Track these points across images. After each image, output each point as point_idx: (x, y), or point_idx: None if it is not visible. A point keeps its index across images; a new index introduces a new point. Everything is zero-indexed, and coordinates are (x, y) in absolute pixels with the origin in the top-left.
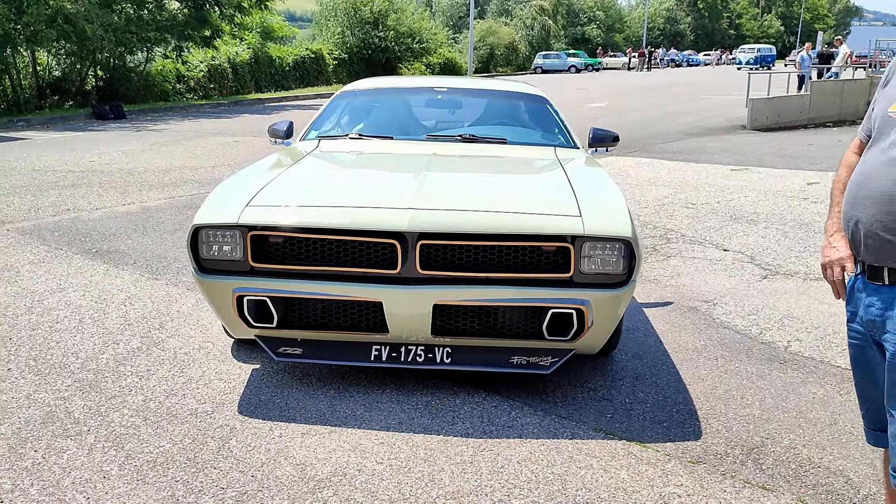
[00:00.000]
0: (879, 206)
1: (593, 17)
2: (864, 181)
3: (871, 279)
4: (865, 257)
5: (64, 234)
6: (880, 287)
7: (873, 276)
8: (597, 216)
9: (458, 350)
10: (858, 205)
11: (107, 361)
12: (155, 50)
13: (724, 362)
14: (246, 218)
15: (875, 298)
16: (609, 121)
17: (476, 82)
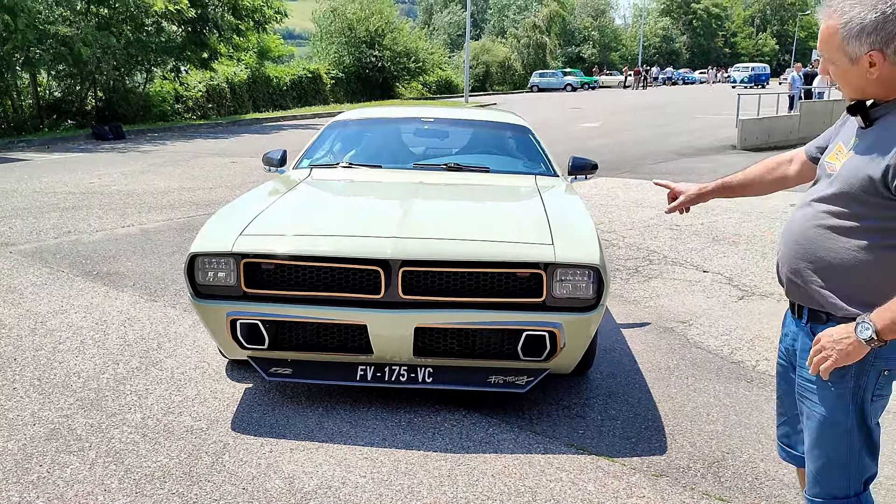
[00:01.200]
0: (788, 248)
1: (588, 36)
2: (789, 222)
3: (791, 310)
4: (785, 291)
5: (65, 256)
6: (795, 319)
7: (792, 308)
8: (568, 244)
9: (439, 370)
10: (781, 243)
11: (107, 381)
12: (154, 71)
13: (694, 381)
14: (239, 246)
15: (793, 328)
16: (601, 141)
17: (462, 112)
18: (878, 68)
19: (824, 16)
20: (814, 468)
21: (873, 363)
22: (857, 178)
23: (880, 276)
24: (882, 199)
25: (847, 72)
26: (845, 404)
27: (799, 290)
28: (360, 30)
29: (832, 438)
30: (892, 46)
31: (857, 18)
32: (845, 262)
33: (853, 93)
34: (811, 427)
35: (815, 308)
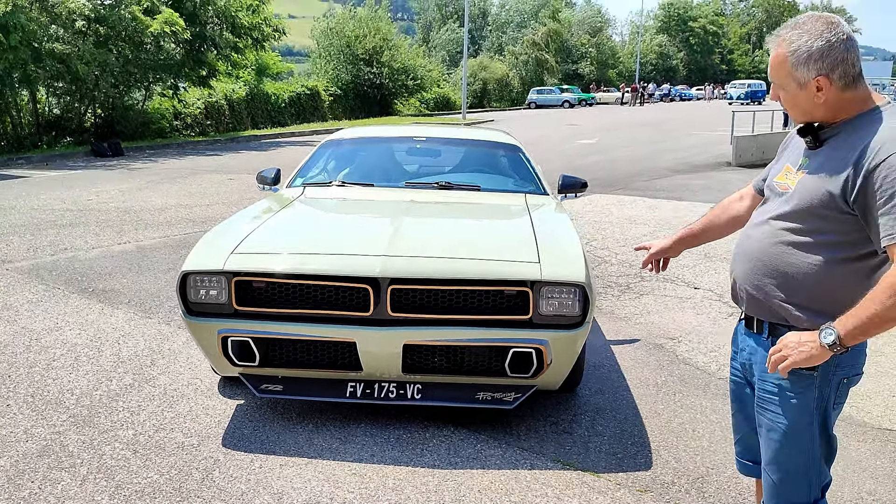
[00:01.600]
0: (748, 265)
1: (586, 53)
2: (742, 240)
3: (746, 326)
4: (741, 306)
5: (61, 274)
6: (752, 334)
7: (748, 324)
8: (554, 262)
9: (427, 387)
10: (736, 261)
11: (100, 397)
12: (152, 88)
13: (681, 397)
14: (230, 265)
15: (749, 343)
16: (597, 158)
17: (454, 131)
18: (825, 93)
19: (774, 45)
20: (776, 478)
21: (835, 372)
22: (816, 194)
23: (840, 287)
24: (840, 213)
25: (796, 97)
26: (809, 413)
27: (760, 305)
28: (358, 47)
29: (796, 447)
30: (836, 72)
31: (804, 47)
32: (807, 275)
33: (802, 116)
34: (773, 438)
35: (776, 322)
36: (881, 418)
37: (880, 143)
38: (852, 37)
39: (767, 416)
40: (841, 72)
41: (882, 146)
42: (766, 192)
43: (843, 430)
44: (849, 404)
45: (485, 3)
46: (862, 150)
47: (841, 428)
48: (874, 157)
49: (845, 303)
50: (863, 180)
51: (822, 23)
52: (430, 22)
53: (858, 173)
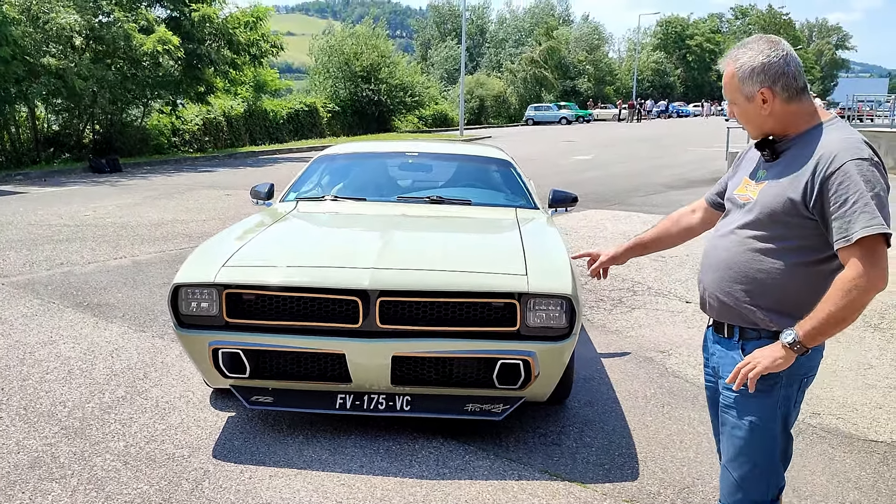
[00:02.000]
0: (717, 273)
1: (583, 70)
2: (709, 251)
3: (716, 331)
4: (710, 314)
5: (56, 288)
6: (721, 339)
7: (717, 330)
8: (541, 275)
9: (416, 398)
10: (704, 271)
11: (92, 410)
12: (151, 105)
13: (669, 409)
14: (221, 277)
15: (718, 347)
16: (593, 174)
17: (446, 146)
18: (770, 104)
19: (724, 64)
20: (737, 475)
21: (798, 371)
22: (778, 202)
23: (805, 290)
24: (801, 219)
25: (746, 110)
26: (773, 412)
27: (731, 310)
28: (356, 64)
29: (760, 444)
30: (779, 84)
31: (748, 63)
32: (774, 279)
33: (755, 130)
34: (737, 436)
35: (746, 326)
36: (867, 430)
37: (835, 152)
38: (793, 54)
39: (731, 413)
40: (783, 84)
41: (837, 154)
42: (727, 204)
43: (829, 441)
44: (835, 416)
45: (483, 21)
46: (818, 158)
47: (827, 439)
48: (830, 165)
49: (811, 304)
50: (819, 186)
51: (764, 42)
52: (428, 39)
53: (816, 180)
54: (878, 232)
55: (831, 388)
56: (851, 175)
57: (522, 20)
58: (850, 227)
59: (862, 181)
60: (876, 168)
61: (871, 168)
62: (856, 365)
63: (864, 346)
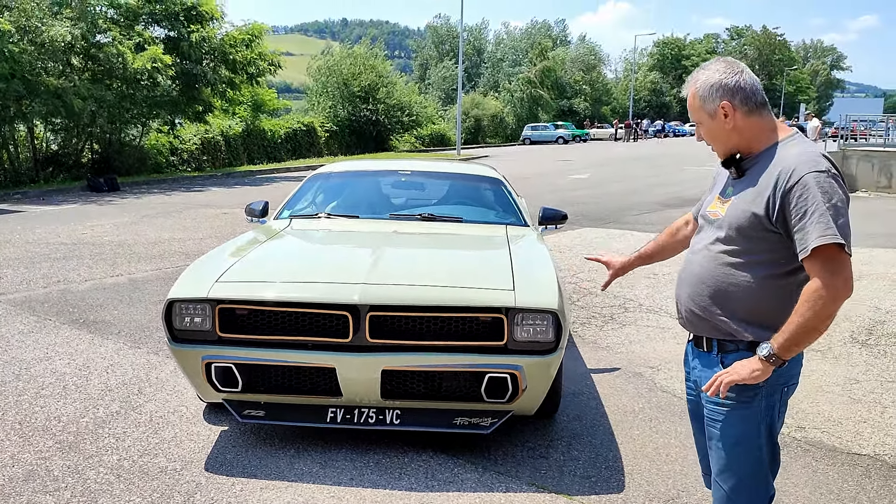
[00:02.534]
0: (691, 288)
1: (580, 90)
2: (684, 266)
3: (696, 346)
4: (688, 328)
5: (53, 305)
6: (701, 353)
7: (697, 344)
8: (528, 290)
9: (406, 412)
10: (680, 286)
11: (87, 424)
12: (149, 124)
13: (657, 423)
14: (214, 293)
15: (698, 361)
16: (588, 192)
17: (438, 165)
18: (731, 118)
19: (686, 89)
20: (728, 487)
21: (778, 381)
22: (744, 218)
23: (776, 301)
24: (767, 232)
25: (711, 128)
26: (757, 423)
27: (707, 324)
28: (354, 84)
29: (746, 457)
30: (737, 97)
31: (705, 81)
32: (745, 292)
33: (722, 147)
34: (724, 448)
35: (723, 338)
36: (850, 443)
37: (793, 166)
38: (748, 71)
39: (717, 427)
40: (742, 97)
41: (795, 168)
42: (700, 221)
43: (813, 454)
44: (820, 430)
45: (480, 42)
46: (779, 173)
47: (811, 452)
48: (789, 179)
49: (783, 314)
50: (781, 200)
51: (720, 62)
52: (426, 59)
53: (777, 194)
54: (831, 242)
55: (817, 402)
56: (809, 187)
57: (519, 40)
58: (807, 237)
59: (819, 193)
60: (834, 180)
61: (828, 180)
62: (843, 380)
63: (852, 361)
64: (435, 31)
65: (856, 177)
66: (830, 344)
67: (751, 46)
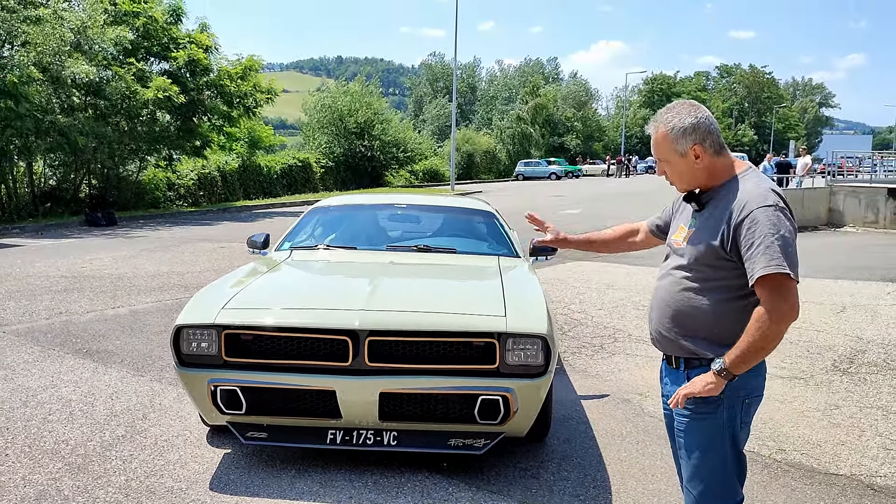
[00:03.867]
0: (659, 311)
1: (572, 127)
2: (655, 293)
3: (667, 364)
4: (658, 348)
5: (56, 336)
6: (672, 370)
7: (668, 362)
8: (519, 316)
9: (403, 434)
10: (651, 309)
11: (94, 447)
12: (147, 160)
13: (643, 446)
14: (221, 319)
15: (669, 378)
16: (580, 227)
17: (433, 199)
18: (702, 159)
19: (654, 128)
20: (696, 493)
21: (738, 394)
22: (703, 247)
23: (734, 322)
24: (723, 261)
25: (679, 167)
26: (721, 433)
27: (672, 343)
28: (350, 121)
29: (711, 465)
30: (707, 141)
31: (679, 124)
32: (706, 314)
33: (686, 184)
34: (691, 457)
35: (688, 356)
36: (829, 464)
37: (744, 201)
38: (711, 116)
39: (685, 437)
40: (710, 141)
41: (746, 203)
42: (666, 249)
43: (792, 474)
44: (799, 451)
45: (473, 79)
46: (732, 208)
47: (790, 473)
48: (740, 213)
49: (740, 333)
50: (733, 232)
51: (688, 106)
52: (421, 97)
53: (730, 227)
54: (776, 272)
55: (798, 426)
56: (757, 221)
57: (512, 78)
58: (754, 267)
59: (767, 225)
60: (781, 213)
61: (776, 213)
62: (824, 406)
63: (833, 388)
64: (430, 68)
65: (843, 212)
66: (813, 372)
67: (740, 84)
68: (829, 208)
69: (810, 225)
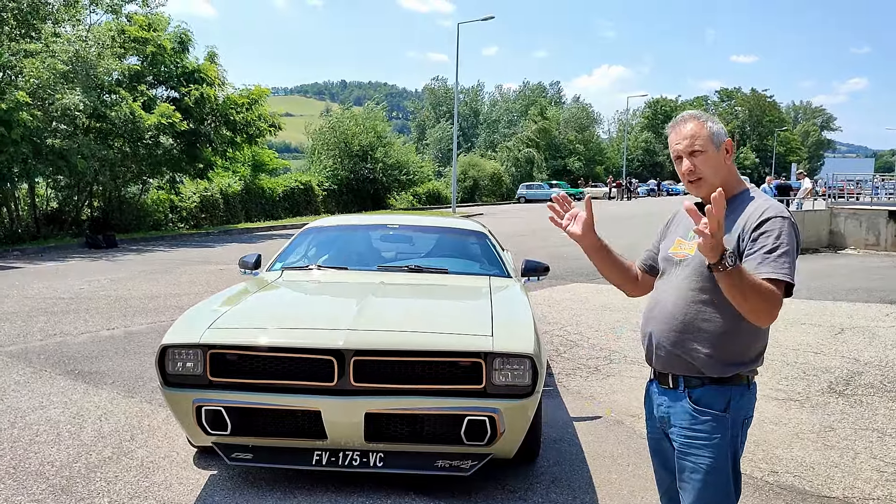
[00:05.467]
0: (665, 324)
1: (574, 150)
2: (654, 305)
3: (661, 384)
4: (656, 365)
5: (49, 357)
6: (667, 390)
7: (662, 381)
8: (506, 336)
9: (389, 455)
10: (651, 322)
11: (79, 469)
12: (149, 182)
13: (634, 468)
14: (206, 339)
15: (664, 398)
16: (579, 249)
17: (426, 219)
18: (731, 155)
19: (693, 122)
20: None
21: (739, 412)
22: None
23: (747, 337)
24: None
25: (713, 158)
26: (725, 452)
27: (680, 360)
28: (353, 144)
29: (717, 484)
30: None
31: (715, 122)
32: (718, 328)
33: (713, 180)
34: (696, 479)
35: (691, 375)
36: (821, 486)
37: (764, 208)
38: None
39: (690, 459)
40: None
41: (766, 210)
42: (662, 264)
43: (784, 497)
44: (792, 474)
45: (476, 103)
46: (748, 217)
47: (783, 495)
48: (760, 216)
49: (749, 352)
50: (751, 232)
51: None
52: (424, 121)
53: (746, 230)
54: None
55: (792, 448)
56: (777, 226)
57: (514, 102)
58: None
59: (786, 234)
60: (793, 228)
61: (791, 225)
62: (818, 428)
63: (828, 410)
64: (432, 92)
65: (844, 234)
66: (809, 394)
67: (742, 108)
68: (829, 230)
69: (811, 247)
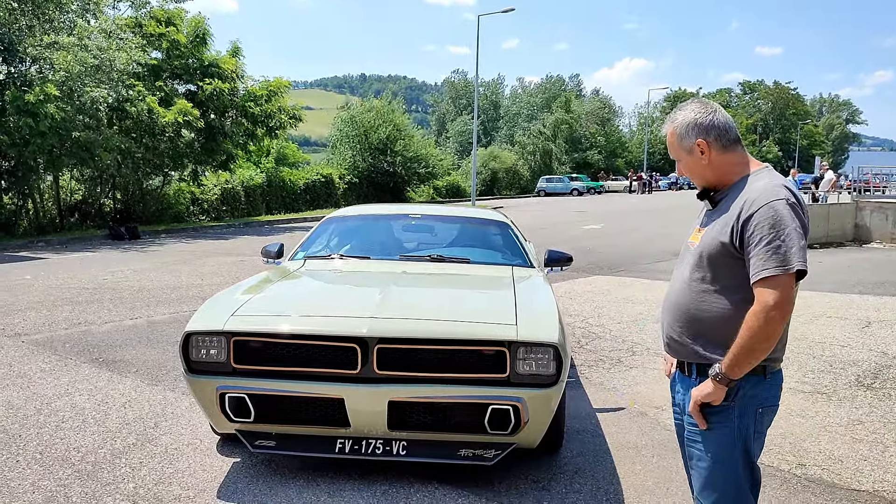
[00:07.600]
0: (670, 315)
1: (595, 142)
2: (667, 294)
3: (681, 371)
4: (670, 353)
5: (74, 345)
6: (684, 378)
7: (680, 368)
8: (530, 325)
9: (412, 443)
10: (663, 312)
11: (104, 455)
12: (171, 175)
13: (658, 459)
14: (230, 326)
15: (681, 385)
16: (601, 241)
17: (447, 209)
18: (707, 154)
19: (665, 128)
20: None
21: (751, 402)
22: (714, 246)
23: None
24: (733, 259)
25: (689, 163)
26: (731, 442)
27: (685, 348)
28: (373, 137)
29: (722, 476)
30: (712, 135)
31: (682, 120)
32: (717, 317)
33: (699, 181)
34: (702, 466)
35: (701, 362)
36: (850, 480)
37: (754, 197)
38: (721, 111)
39: (696, 447)
40: (716, 135)
41: (755, 199)
42: (681, 250)
43: (812, 489)
44: (820, 467)
45: (496, 96)
46: (742, 204)
47: (810, 488)
48: (749, 208)
49: None
50: (741, 228)
51: (696, 103)
52: (444, 114)
53: (739, 222)
54: (774, 273)
55: (820, 441)
56: (766, 217)
57: (535, 95)
58: (756, 266)
59: (774, 221)
60: (792, 208)
61: (786, 207)
62: (846, 421)
63: (856, 403)
64: (452, 86)
65: (869, 228)
66: (836, 387)
67: (764, 101)
68: (855, 224)
69: (836, 240)
